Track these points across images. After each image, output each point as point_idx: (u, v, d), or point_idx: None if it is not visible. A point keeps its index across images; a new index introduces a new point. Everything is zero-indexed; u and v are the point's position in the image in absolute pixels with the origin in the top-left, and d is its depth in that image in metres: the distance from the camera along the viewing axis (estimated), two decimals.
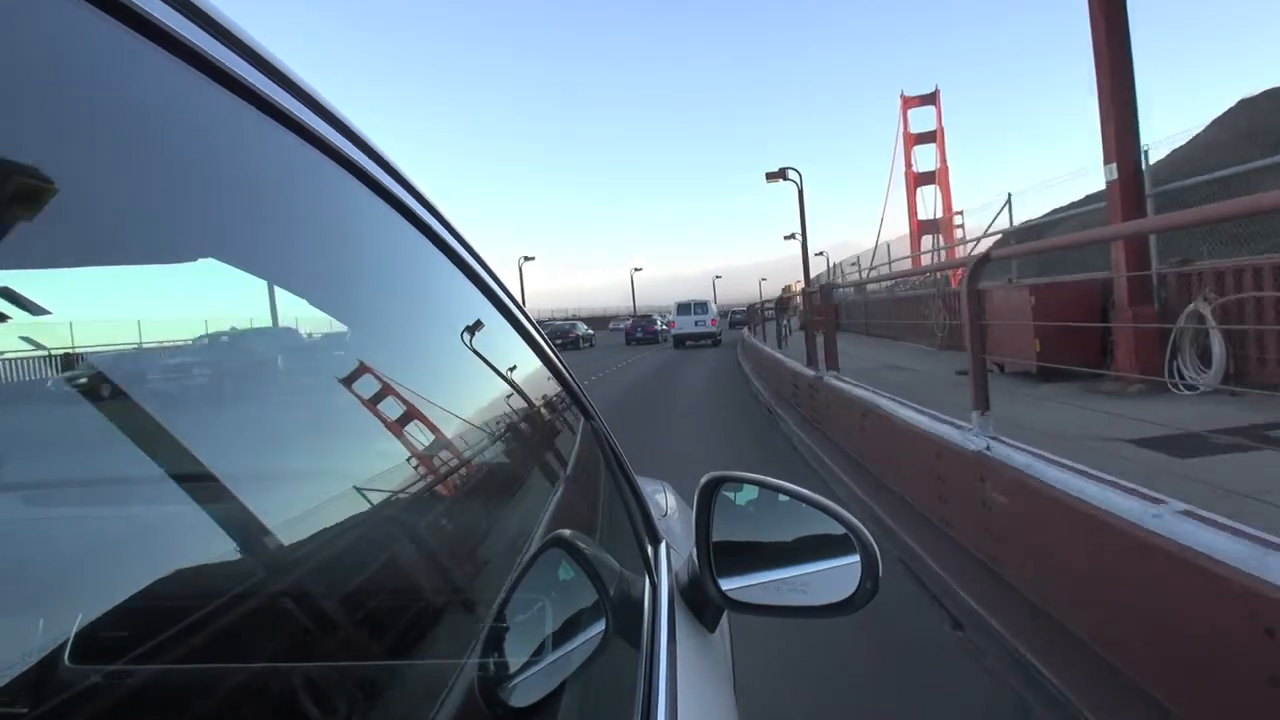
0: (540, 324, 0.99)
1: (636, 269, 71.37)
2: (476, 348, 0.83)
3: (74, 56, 0.34)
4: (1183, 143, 12.98)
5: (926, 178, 51.82)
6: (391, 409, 0.59)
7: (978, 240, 12.24)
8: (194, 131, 0.44)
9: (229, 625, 0.33)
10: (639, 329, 33.47)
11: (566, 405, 1.07)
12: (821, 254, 42.34)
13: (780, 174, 21.45)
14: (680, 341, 27.29)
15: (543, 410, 1.00)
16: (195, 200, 0.43)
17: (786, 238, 38.96)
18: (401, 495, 0.54)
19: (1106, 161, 6.42)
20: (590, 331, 37.07)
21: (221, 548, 0.36)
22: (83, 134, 0.35)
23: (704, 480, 0.93)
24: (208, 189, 0.44)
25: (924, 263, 20.46)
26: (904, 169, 52.34)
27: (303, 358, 0.62)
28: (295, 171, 0.55)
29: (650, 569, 1.04)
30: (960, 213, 25.28)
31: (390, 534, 0.52)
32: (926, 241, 42.73)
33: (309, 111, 0.53)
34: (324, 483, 0.47)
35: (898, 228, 51.88)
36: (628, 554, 0.99)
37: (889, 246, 20.02)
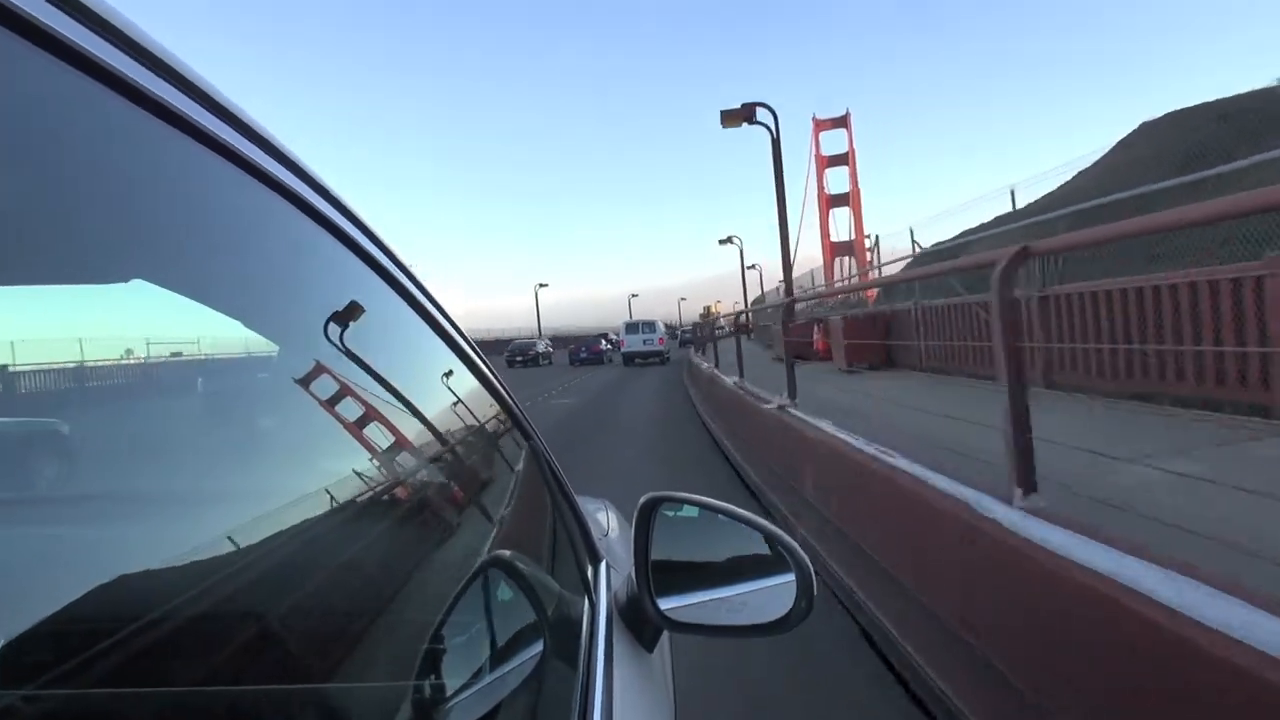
0: (500, 343, 0.99)
1: (542, 284, 63.86)
2: (414, 370, 0.82)
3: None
4: (1089, 164, 13.76)
5: (840, 200, 52.54)
6: (329, 428, 0.58)
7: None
8: (118, 153, 0.43)
9: (158, 646, 0.33)
10: (583, 349, 33.06)
11: (506, 426, 1.07)
12: (754, 267, 42.54)
13: (746, 114, 12.47)
14: (629, 359, 27.34)
15: (481, 431, 0.99)
16: (123, 222, 0.42)
17: (722, 242, 37.15)
18: (337, 517, 0.54)
19: None
20: (551, 349, 40.31)
21: (150, 567, 0.35)
22: (11, 157, 0.34)
23: (643, 500, 0.94)
24: (135, 210, 0.43)
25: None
26: (816, 191, 53.29)
27: (234, 377, 0.60)
28: (228, 194, 0.54)
29: (589, 589, 1.04)
30: (869, 235, 25.63)
31: (325, 556, 0.52)
32: (844, 265, 43.79)
33: (244, 139, 0.53)
34: (257, 503, 0.47)
35: (812, 249, 52.74)
36: (568, 574, 0.99)
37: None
